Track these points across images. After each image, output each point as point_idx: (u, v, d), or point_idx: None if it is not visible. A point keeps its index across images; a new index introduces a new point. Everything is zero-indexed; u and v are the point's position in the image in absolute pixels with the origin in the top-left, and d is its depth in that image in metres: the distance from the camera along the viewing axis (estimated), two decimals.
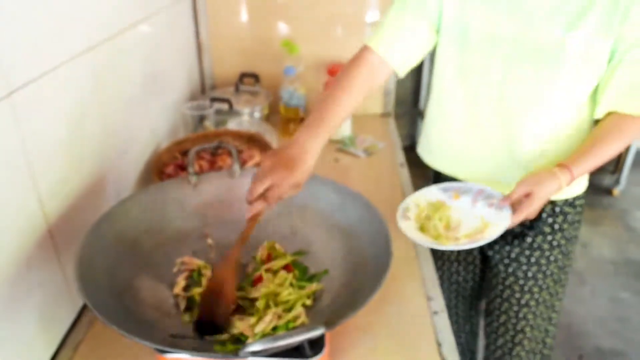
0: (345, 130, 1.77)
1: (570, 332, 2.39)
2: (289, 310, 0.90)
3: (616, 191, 3.45)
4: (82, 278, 0.78)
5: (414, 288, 1.12)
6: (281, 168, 0.91)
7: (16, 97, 0.81)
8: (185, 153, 1.42)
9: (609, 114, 1.07)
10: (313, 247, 1.03)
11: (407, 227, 1.09)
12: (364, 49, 1.16)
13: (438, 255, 1.43)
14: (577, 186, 1.21)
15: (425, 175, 1.47)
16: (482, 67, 1.13)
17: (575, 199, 1.23)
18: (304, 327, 0.69)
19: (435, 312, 1.05)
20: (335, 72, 1.86)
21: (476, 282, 1.51)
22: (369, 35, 1.18)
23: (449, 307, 1.50)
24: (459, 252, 1.43)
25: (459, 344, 1.60)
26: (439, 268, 1.45)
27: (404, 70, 1.18)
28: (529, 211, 1.05)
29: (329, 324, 0.72)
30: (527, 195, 1.05)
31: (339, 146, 1.73)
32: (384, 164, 1.65)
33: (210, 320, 0.88)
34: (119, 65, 1.24)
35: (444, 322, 1.03)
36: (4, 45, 0.79)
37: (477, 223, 1.10)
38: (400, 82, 1.43)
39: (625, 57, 1.00)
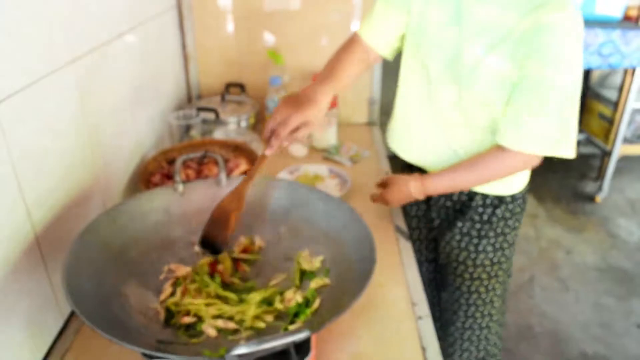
0: (331, 139, 1.79)
1: (555, 338, 2.42)
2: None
3: (599, 198, 3.50)
4: (70, 285, 0.79)
5: (398, 294, 1.13)
6: (291, 107, 1.05)
7: (1, 108, 0.82)
8: (171, 162, 1.43)
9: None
10: (299, 253, 1.04)
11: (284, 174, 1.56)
12: (354, 35, 1.33)
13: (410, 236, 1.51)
14: (503, 185, 1.28)
15: None
16: (423, 64, 1.22)
17: (505, 196, 1.30)
18: (289, 331, 0.70)
19: (420, 317, 1.07)
20: None
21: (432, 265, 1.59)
22: (361, 25, 1.33)
23: None
24: (420, 232, 1.52)
25: None
26: None
27: (391, 54, 1.33)
28: (385, 198, 1.30)
29: (315, 327, 0.73)
30: (385, 185, 1.32)
31: (325, 154, 1.75)
32: (369, 172, 1.66)
33: (212, 241, 1.03)
34: (104, 76, 1.25)
35: (428, 327, 1.05)
36: None
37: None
38: (385, 92, 1.46)
39: (514, 91, 1.09)
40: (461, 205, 1.34)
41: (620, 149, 3.42)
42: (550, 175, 3.81)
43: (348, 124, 2.00)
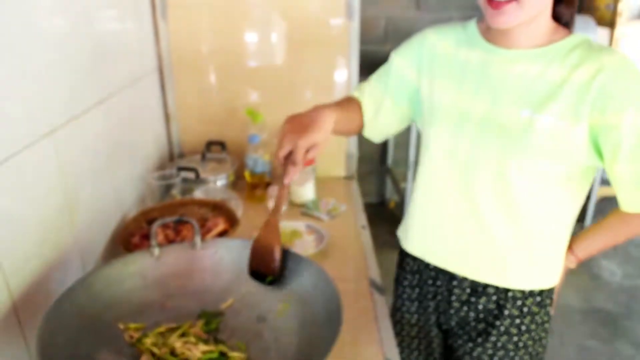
0: (309, 194, 1.83)
1: None
2: None
3: None
4: (43, 354, 0.81)
5: (372, 350, 1.15)
6: (297, 132, 1.01)
7: None
8: (151, 222, 1.45)
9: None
10: (269, 315, 1.07)
11: None
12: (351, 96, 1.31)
13: (398, 342, 1.39)
14: (549, 278, 1.20)
15: (392, 231, 1.51)
16: (449, 148, 1.14)
17: (544, 296, 1.21)
18: None
19: None
20: None
21: None
22: (356, 88, 1.32)
23: None
24: (419, 340, 1.40)
25: None
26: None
27: (377, 137, 1.34)
28: None
29: None
30: None
31: (303, 210, 1.79)
32: (346, 226, 1.70)
33: (264, 273, 1.08)
34: (84, 141, 1.29)
35: None
36: None
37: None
38: (362, 146, 1.52)
39: (620, 151, 0.98)
40: (489, 314, 1.23)
41: (598, 191, 3.49)
42: None
43: (326, 178, 2.04)
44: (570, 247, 1.20)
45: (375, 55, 2.76)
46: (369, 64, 1.31)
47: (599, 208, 3.71)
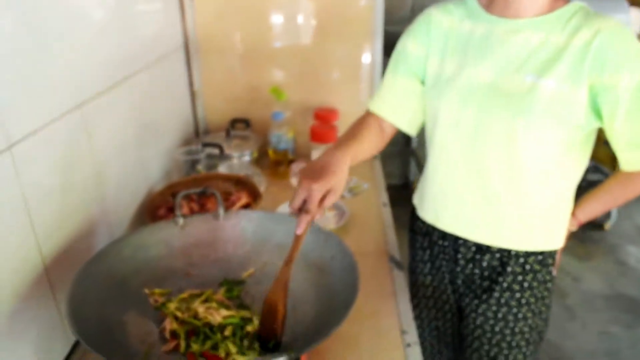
0: None
1: None
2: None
3: (607, 225, 3.50)
4: (73, 314, 0.85)
5: (389, 323, 1.17)
6: (311, 179, 0.99)
7: (15, 150, 0.90)
8: (176, 196, 1.50)
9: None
10: (289, 283, 1.10)
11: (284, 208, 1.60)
12: (368, 113, 1.30)
13: (415, 304, 1.45)
14: (551, 241, 1.24)
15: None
16: (457, 117, 1.17)
17: (546, 256, 1.24)
18: (268, 356, 0.75)
19: (409, 345, 1.11)
20: (322, 116, 1.95)
21: (455, 331, 1.48)
22: (371, 100, 1.32)
23: (433, 354, 1.52)
24: (435, 300, 1.43)
25: None
26: (417, 316, 1.43)
27: (413, 130, 1.31)
28: None
29: (294, 353, 0.78)
30: None
31: None
32: (368, 204, 1.72)
33: (269, 335, 0.97)
34: (112, 116, 1.33)
35: (416, 355, 1.08)
36: (4, 103, 0.88)
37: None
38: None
39: (617, 110, 1.03)
40: (493, 272, 1.27)
41: None
42: None
43: None
44: (572, 211, 1.24)
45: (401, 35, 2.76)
46: (395, 44, 1.30)
47: None
